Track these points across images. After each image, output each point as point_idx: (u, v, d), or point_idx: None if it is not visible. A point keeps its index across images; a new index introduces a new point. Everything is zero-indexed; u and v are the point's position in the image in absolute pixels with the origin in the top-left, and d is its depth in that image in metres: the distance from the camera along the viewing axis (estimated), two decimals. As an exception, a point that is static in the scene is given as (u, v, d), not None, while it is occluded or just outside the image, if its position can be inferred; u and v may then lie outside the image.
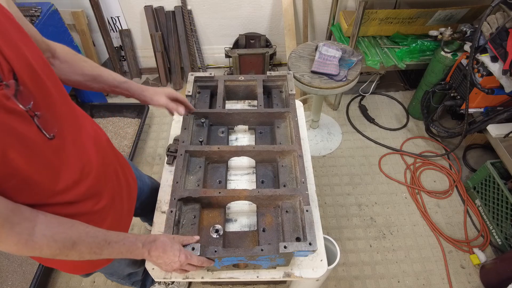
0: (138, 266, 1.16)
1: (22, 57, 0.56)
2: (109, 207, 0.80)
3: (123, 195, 0.89)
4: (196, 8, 2.26)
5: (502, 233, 1.65)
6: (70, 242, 0.61)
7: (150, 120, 2.30)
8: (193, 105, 1.16)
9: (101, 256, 0.67)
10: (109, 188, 0.81)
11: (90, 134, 0.77)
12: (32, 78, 0.57)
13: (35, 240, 0.57)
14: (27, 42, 0.59)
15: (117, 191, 0.85)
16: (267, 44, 2.35)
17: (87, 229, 0.65)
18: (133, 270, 1.16)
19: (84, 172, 0.70)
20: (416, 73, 2.33)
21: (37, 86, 0.58)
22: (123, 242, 0.69)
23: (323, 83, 1.60)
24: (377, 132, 2.23)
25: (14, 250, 0.57)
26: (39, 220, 0.59)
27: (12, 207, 0.55)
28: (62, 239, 0.60)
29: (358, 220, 1.82)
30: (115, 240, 0.68)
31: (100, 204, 0.76)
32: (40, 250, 0.59)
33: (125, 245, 0.70)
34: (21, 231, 0.55)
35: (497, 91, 1.64)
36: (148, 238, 0.74)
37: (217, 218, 0.93)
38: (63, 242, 0.61)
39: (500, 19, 1.52)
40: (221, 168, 1.06)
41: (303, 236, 0.85)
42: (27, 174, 0.56)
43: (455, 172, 2.00)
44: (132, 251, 0.71)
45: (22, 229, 0.55)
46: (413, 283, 1.60)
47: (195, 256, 0.76)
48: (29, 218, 0.57)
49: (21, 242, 0.56)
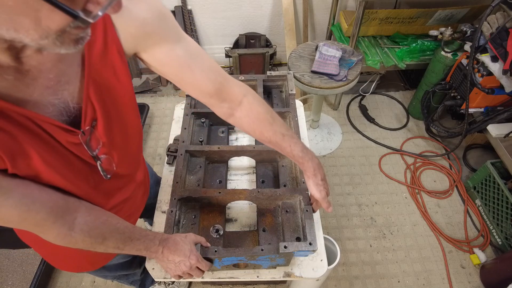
0: (133, 269, 1.16)
1: (105, 106, 0.58)
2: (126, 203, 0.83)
3: (139, 193, 0.90)
4: (196, 8, 2.26)
5: (502, 233, 1.65)
6: (101, 238, 0.64)
7: (150, 120, 2.30)
8: (193, 105, 1.16)
9: (122, 251, 0.68)
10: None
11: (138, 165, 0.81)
12: (106, 125, 0.59)
13: (73, 235, 0.59)
14: (125, 93, 0.61)
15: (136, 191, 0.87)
16: (267, 44, 2.35)
17: (118, 225, 0.67)
18: (127, 272, 1.16)
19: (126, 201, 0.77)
20: (416, 73, 2.33)
21: (107, 132, 0.60)
22: (144, 240, 0.71)
23: (323, 83, 1.60)
24: (377, 132, 2.23)
25: (52, 240, 0.59)
26: (80, 212, 0.61)
27: (60, 196, 0.57)
28: (96, 234, 0.63)
29: (358, 220, 1.82)
30: (137, 237, 0.70)
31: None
32: (75, 244, 0.61)
33: (144, 243, 0.71)
34: (63, 224, 0.57)
35: (497, 91, 1.64)
36: (163, 236, 0.75)
37: (217, 218, 0.93)
38: (96, 238, 0.63)
39: (500, 19, 1.52)
40: (221, 168, 1.06)
41: (303, 236, 0.85)
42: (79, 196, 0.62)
43: (455, 172, 2.00)
44: (149, 248, 0.72)
45: (64, 223, 0.57)
46: (413, 283, 1.60)
47: (205, 261, 0.77)
48: (72, 210, 0.59)
49: (60, 235, 0.58)
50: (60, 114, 0.52)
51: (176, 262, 0.74)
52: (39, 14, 0.34)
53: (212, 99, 0.70)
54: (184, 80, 0.65)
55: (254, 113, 0.75)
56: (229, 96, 0.72)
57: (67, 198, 0.59)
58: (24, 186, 0.51)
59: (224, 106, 0.73)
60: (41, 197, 0.53)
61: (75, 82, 0.53)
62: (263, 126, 0.75)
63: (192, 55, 0.64)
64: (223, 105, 0.73)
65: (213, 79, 0.67)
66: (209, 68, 0.67)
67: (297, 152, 0.79)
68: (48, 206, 0.54)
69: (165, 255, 0.74)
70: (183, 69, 0.63)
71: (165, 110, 2.37)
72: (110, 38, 0.54)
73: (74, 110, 0.54)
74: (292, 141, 0.78)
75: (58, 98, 0.51)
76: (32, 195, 0.52)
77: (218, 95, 0.70)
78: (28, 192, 0.51)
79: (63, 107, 0.52)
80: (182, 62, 0.62)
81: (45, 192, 0.54)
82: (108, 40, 0.54)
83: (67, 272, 1.58)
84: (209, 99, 0.70)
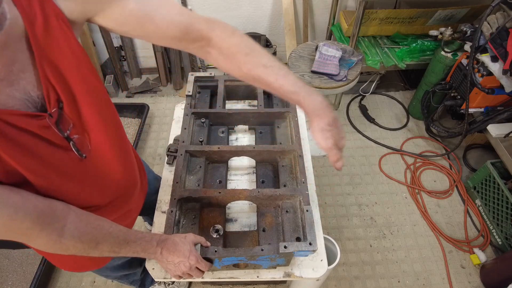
0: (133, 269, 1.16)
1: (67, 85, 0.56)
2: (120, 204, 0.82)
3: (136, 192, 0.89)
4: (196, 8, 2.26)
5: (502, 233, 1.65)
6: (94, 243, 0.63)
7: (150, 120, 2.30)
8: (193, 105, 1.16)
9: (118, 254, 0.68)
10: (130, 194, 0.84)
11: (122, 151, 0.76)
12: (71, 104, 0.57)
13: (63, 242, 0.58)
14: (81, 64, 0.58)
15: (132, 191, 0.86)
16: (267, 44, 2.35)
17: (111, 229, 0.66)
18: (128, 272, 1.16)
19: (111, 190, 0.74)
20: (416, 73, 2.33)
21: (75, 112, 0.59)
22: (140, 242, 0.70)
23: (323, 83, 1.60)
24: (377, 132, 2.23)
25: (43, 248, 0.59)
26: (69, 219, 0.59)
27: (46, 204, 0.56)
28: (88, 240, 0.62)
29: (358, 220, 1.82)
30: (133, 239, 0.69)
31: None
32: (66, 250, 0.60)
33: (141, 245, 0.70)
34: (51, 231, 0.56)
35: (497, 91, 1.64)
36: (162, 237, 0.74)
37: (217, 218, 0.93)
38: (88, 243, 0.62)
39: (500, 19, 1.52)
40: (221, 168, 1.06)
41: (303, 236, 0.85)
42: (60, 189, 0.60)
43: (455, 172, 2.00)
44: (146, 249, 0.71)
45: (52, 230, 0.56)
46: (413, 283, 1.60)
47: (205, 261, 0.76)
48: (60, 217, 0.58)
49: (50, 243, 0.57)
50: (24, 106, 0.50)
51: (176, 263, 0.74)
52: None
53: (183, 42, 0.65)
54: (148, 32, 0.61)
55: (226, 47, 0.66)
56: (198, 35, 0.65)
57: (54, 206, 0.58)
58: (5, 196, 0.49)
59: (196, 47, 0.67)
60: (24, 206, 0.52)
61: (29, 68, 0.50)
62: (239, 59, 0.66)
63: (147, 4, 0.59)
64: (195, 46, 0.67)
65: (177, 22, 0.62)
66: (169, 13, 0.62)
67: (288, 87, 0.66)
68: (34, 215, 0.53)
69: (164, 256, 0.73)
70: (142, 21, 0.59)
71: (165, 110, 2.37)
72: (49, 11, 0.50)
73: (39, 99, 0.52)
74: (280, 73, 0.66)
75: (16, 89, 0.49)
76: (14, 204, 0.50)
77: (187, 37, 0.64)
78: (9, 202, 0.50)
79: (25, 98, 0.50)
80: (140, 14, 0.58)
81: (29, 201, 0.53)
82: (49, 14, 0.50)
83: (67, 272, 1.59)
84: (180, 43, 0.65)
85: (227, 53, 0.67)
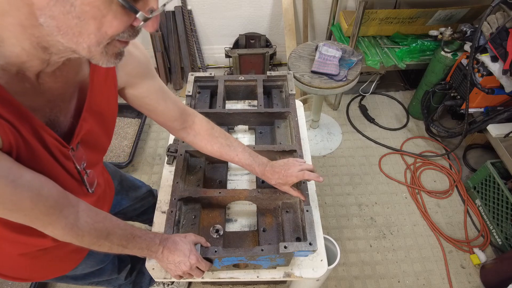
0: (107, 276, 1.06)
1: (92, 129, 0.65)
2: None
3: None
4: (196, 8, 2.26)
5: (502, 233, 1.65)
6: (105, 232, 0.65)
7: (150, 120, 2.30)
8: (193, 105, 1.16)
9: (125, 249, 0.69)
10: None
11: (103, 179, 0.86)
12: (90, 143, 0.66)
13: (79, 226, 0.60)
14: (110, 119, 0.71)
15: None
16: (267, 44, 2.35)
17: (118, 222, 0.69)
18: (100, 279, 1.05)
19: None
20: (416, 73, 2.33)
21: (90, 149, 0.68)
22: (145, 238, 0.72)
23: (323, 83, 1.60)
24: (377, 132, 2.23)
25: (60, 235, 0.59)
26: (81, 206, 0.62)
27: (61, 189, 0.58)
28: (100, 227, 0.64)
29: (358, 220, 1.82)
30: (139, 234, 0.71)
31: None
32: (82, 237, 0.61)
33: (146, 241, 0.72)
34: (68, 214, 0.58)
35: (497, 91, 1.64)
36: (163, 236, 0.76)
37: (217, 218, 0.93)
38: (101, 231, 0.64)
39: (500, 19, 1.52)
40: (221, 168, 1.06)
41: (303, 236, 0.85)
42: None
43: (455, 172, 2.00)
44: (150, 247, 0.73)
45: (69, 213, 0.58)
46: (413, 283, 1.60)
47: (205, 261, 0.77)
48: (73, 203, 0.60)
49: (67, 226, 0.58)
50: (48, 124, 0.56)
51: (176, 262, 0.74)
52: (103, 19, 0.40)
53: (176, 122, 0.84)
54: (158, 108, 0.78)
55: (204, 129, 0.88)
56: (187, 118, 0.85)
57: (67, 192, 0.59)
58: (30, 174, 0.51)
59: (182, 127, 0.86)
60: (47, 185, 0.54)
61: (70, 101, 0.60)
62: (210, 140, 0.88)
63: (163, 88, 0.78)
64: (182, 126, 0.86)
65: (178, 106, 0.82)
66: (173, 98, 0.81)
67: (245, 160, 0.88)
68: (55, 193, 0.55)
69: (165, 255, 0.74)
70: (159, 100, 0.77)
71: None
72: (110, 73, 0.65)
73: (62, 125, 0.59)
74: (239, 150, 0.88)
75: (51, 110, 0.56)
76: (40, 179, 0.52)
77: (180, 119, 0.84)
78: (35, 180, 0.51)
79: (51, 119, 0.57)
80: (159, 94, 0.77)
81: (49, 182, 0.55)
82: (109, 74, 0.65)
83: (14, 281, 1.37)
84: (173, 123, 0.83)
85: (204, 134, 0.88)
